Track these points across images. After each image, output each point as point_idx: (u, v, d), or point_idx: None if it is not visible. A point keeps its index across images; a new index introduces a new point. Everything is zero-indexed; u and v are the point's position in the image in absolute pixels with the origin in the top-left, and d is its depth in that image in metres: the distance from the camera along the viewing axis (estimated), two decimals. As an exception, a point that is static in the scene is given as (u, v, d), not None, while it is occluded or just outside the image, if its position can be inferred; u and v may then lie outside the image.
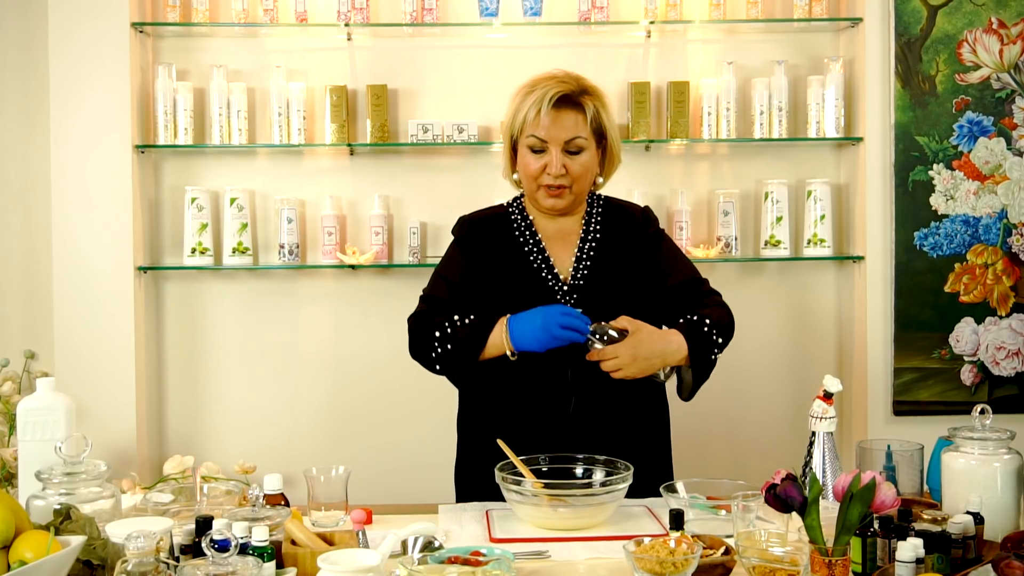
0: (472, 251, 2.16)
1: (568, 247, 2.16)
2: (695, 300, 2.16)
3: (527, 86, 2.11)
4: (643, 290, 2.14)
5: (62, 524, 1.53)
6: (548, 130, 2.06)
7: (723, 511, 1.84)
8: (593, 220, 2.19)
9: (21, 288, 3.31)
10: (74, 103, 3.14)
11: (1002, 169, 3.22)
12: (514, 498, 1.84)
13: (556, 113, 2.05)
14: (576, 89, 2.08)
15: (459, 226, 2.22)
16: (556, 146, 2.06)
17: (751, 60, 3.33)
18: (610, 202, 2.24)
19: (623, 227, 2.20)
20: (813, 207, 3.26)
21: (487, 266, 2.14)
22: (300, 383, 3.34)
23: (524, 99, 2.09)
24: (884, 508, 1.56)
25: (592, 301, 2.09)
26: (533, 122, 2.06)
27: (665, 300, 2.15)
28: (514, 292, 2.10)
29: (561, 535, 1.79)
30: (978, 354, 3.25)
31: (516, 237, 2.17)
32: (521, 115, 2.08)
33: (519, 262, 2.13)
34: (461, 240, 2.20)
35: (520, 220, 2.19)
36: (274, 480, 1.83)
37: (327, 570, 1.39)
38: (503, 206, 2.24)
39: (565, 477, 1.93)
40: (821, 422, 1.95)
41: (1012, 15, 3.20)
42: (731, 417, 3.39)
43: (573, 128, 2.07)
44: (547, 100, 2.04)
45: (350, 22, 3.18)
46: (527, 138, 2.08)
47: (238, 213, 3.22)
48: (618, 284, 2.12)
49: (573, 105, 2.07)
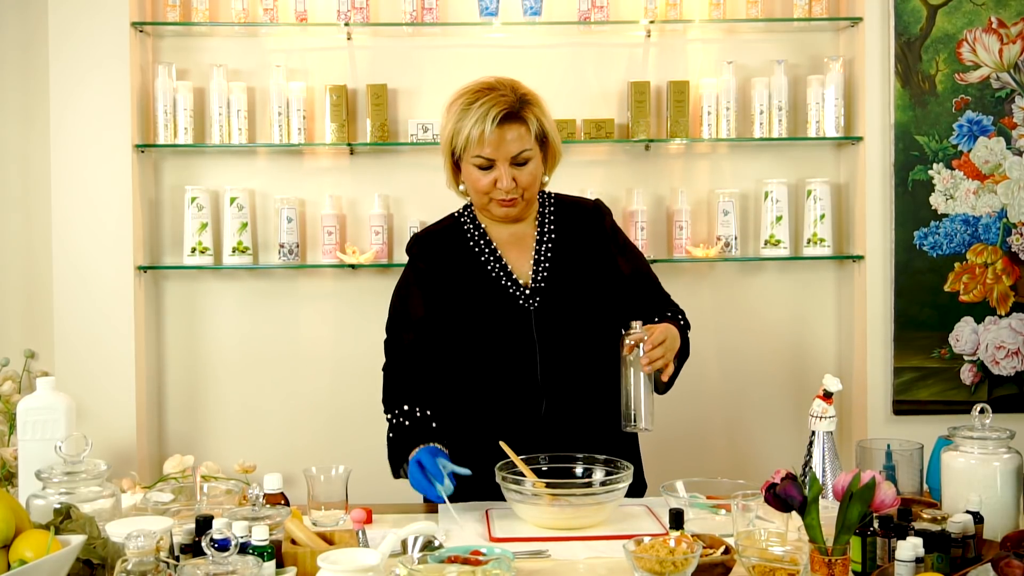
0: (428, 268, 2.14)
1: (525, 251, 2.14)
2: (655, 294, 2.20)
3: (463, 100, 2.04)
4: (603, 285, 2.13)
5: (62, 523, 1.53)
6: (494, 149, 2.01)
7: (723, 511, 1.84)
8: (546, 221, 2.17)
9: (21, 288, 3.31)
10: (74, 103, 3.14)
11: (1002, 168, 3.22)
12: (515, 498, 1.84)
13: (500, 130, 2.00)
14: (516, 102, 2.02)
15: (411, 244, 2.19)
16: (504, 162, 2.02)
17: (751, 60, 3.33)
18: (561, 200, 2.22)
19: (577, 224, 2.18)
20: (813, 207, 3.26)
21: (445, 281, 2.12)
22: (300, 383, 3.34)
23: (463, 116, 2.02)
24: (884, 507, 1.56)
25: (554, 302, 2.08)
26: (477, 142, 2.00)
27: (623, 291, 2.15)
28: (475, 303, 2.09)
29: (561, 534, 1.79)
30: (978, 353, 3.25)
31: (471, 247, 2.14)
32: (464, 134, 2.01)
33: (477, 272, 2.11)
34: (414, 259, 2.17)
35: (473, 229, 2.16)
36: (274, 479, 1.84)
37: (327, 569, 1.39)
38: (453, 216, 2.21)
39: (565, 476, 1.93)
40: (821, 421, 1.95)
41: (1012, 15, 3.20)
42: (731, 417, 3.39)
43: (519, 143, 2.03)
44: (490, 120, 1.99)
45: (350, 21, 3.18)
46: (472, 157, 2.03)
47: (238, 213, 3.22)
48: (579, 282, 2.11)
49: (516, 119, 2.02)
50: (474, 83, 2.08)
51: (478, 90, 2.05)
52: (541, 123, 2.06)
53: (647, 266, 2.25)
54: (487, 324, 2.08)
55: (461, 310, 2.09)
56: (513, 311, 2.08)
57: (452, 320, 2.09)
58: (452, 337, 2.10)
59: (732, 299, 3.38)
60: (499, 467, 1.89)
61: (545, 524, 1.82)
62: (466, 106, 2.03)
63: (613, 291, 2.13)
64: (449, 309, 2.10)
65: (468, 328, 2.08)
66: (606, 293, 2.12)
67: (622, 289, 2.15)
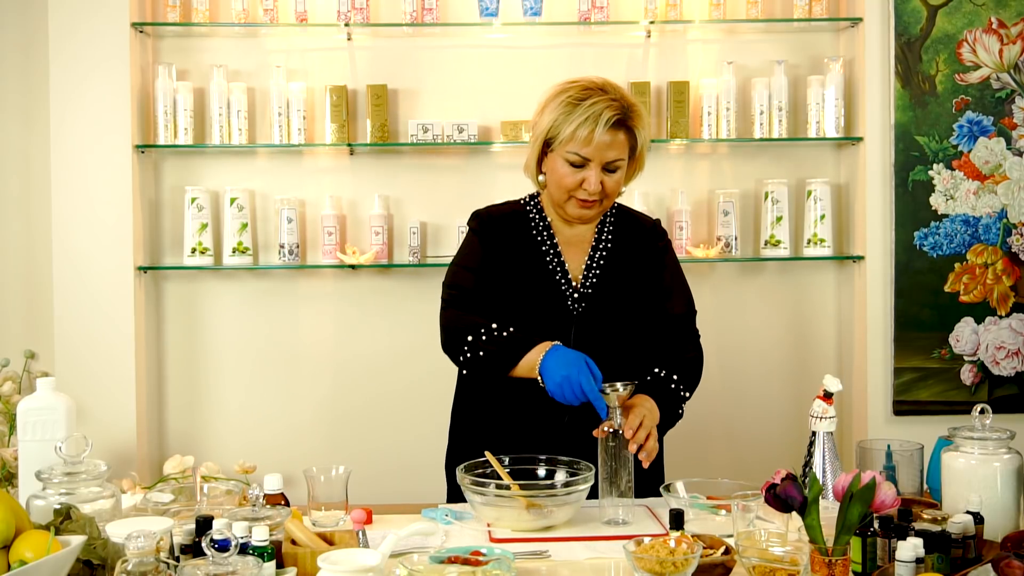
0: (488, 244, 2.15)
1: (580, 252, 2.16)
2: (679, 339, 2.17)
3: (571, 95, 2.03)
4: (645, 303, 2.15)
5: (62, 524, 1.53)
6: (594, 150, 2.02)
7: (723, 511, 1.84)
8: (606, 228, 2.19)
9: (21, 288, 3.31)
10: (74, 103, 3.14)
11: (1002, 169, 3.22)
12: (477, 500, 1.84)
13: (606, 135, 2.01)
14: (626, 112, 2.03)
15: (475, 219, 2.20)
16: (597, 165, 2.03)
17: (751, 60, 3.33)
18: (623, 210, 2.25)
19: (634, 238, 2.20)
20: (813, 207, 3.26)
21: (502, 260, 2.13)
22: (300, 383, 3.34)
23: (571, 111, 2.01)
24: (884, 508, 1.56)
25: (599, 307, 2.11)
26: (583, 140, 2.00)
27: (659, 324, 2.16)
28: (527, 289, 2.10)
29: (551, 535, 1.80)
30: (978, 354, 3.25)
31: (533, 236, 2.16)
32: (568, 129, 2.01)
33: (535, 261, 2.13)
34: (479, 232, 2.18)
35: (538, 220, 2.18)
36: (274, 480, 1.84)
37: (327, 570, 1.39)
38: (519, 203, 2.22)
39: (528, 478, 1.93)
40: (821, 422, 1.95)
41: (1012, 15, 3.20)
42: (731, 417, 3.39)
43: (618, 150, 2.04)
44: (602, 123, 1.99)
45: (350, 22, 3.18)
46: (568, 152, 2.03)
47: (238, 213, 3.22)
48: (624, 294, 2.13)
49: (623, 128, 2.03)
50: (582, 79, 2.07)
51: (589, 87, 2.05)
52: (643, 137, 2.08)
53: (688, 306, 2.21)
54: (530, 317, 2.08)
55: (509, 295, 2.10)
56: (558, 310, 2.09)
57: (498, 302, 2.09)
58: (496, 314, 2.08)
59: (732, 299, 3.39)
60: (461, 468, 1.90)
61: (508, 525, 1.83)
62: (576, 101, 2.02)
63: (648, 311, 2.15)
64: (500, 287, 2.10)
65: (510, 315, 2.06)
66: (643, 310, 2.14)
67: (656, 317, 2.15)
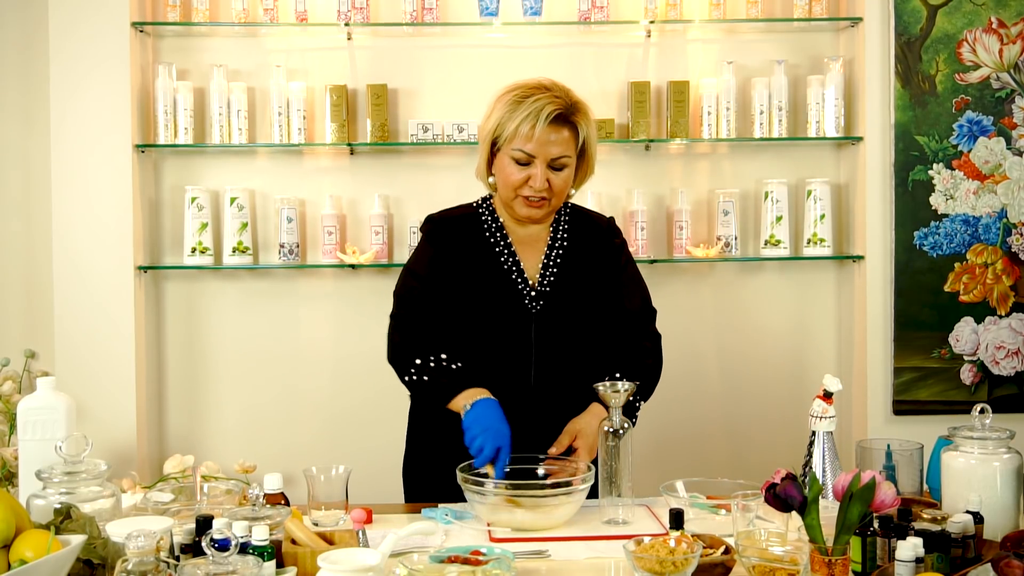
0: (441, 249, 2.15)
1: (536, 252, 2.16)
2: (636, 335, 2.18)
3: (516, 94, 2.05)
4: (602, 302, 2.16)
5: (62, 523, 1.53)
6: (538, 147, 2.03)
7: (723, 511, 1.84)
8: (561, 227, 2.19)
9: (21, 288, 3.31)
10: (74, 103, 3.14)
11: (1002, 169, 3.22)
12: (475, 499, 1.85)
13: (548, 130, 2.02)
14: (569, 107, 2.04)
15: (427, 223, 2.20)
16: (543, 162, 2.04)
17: (751, 60, 3.33)
18: (577, 210, 2.25)
19: (589, 236, 2.21)
20: (813, 207, 3.26)
21: (456, 264, 2.13)
22: (300, 383, 3.34)
23: (514, 109, 2.03)
24: (884, 507, 1.56)
25: (557, 305, 2.11)
26: (525, 136, 2.02)
27: (616, 320, 2.17)
28: (484, 290, 2.10)
29: (551, 535, 1.80)
30: (978, 353, 3.25)
31: (487, 238, 2.16)
32: (512, 126, 2.03)
33: (489, 262, 2.13)
34: (430, 236, 2.18)
35: (491, 222, 2.18)
36: (274, 479, 1.84)
37: (327, 569, 1.39)
38: (471, 206, 2.23)
39: (526, 477, 1.93)
40: (821, 421, 1.95)
41: (1012, 15, 3.20)
42: (731, 417, 3.39)
43: (562, 146, 2.05)
44: (543, 117, 2.01)
45: (350, 22, 3.18)
46: (513, 150, 2.04)
47: (238, 213, 3.22)
48: (581, 292, 2.14)
49: (566, 123, 2.05)
50: (528, 80, 2.09)
51: (534, 87, 2.06)
52: (587, 133, 2.08)
53: (645, 303, 2.23)
54: (489, 318, 2.09)
55: (466, 298, 2.10)
56: (516, 310, 2.10)
57: (455, 306, 2.10)
58: (452, 321, 2.10)
59: (732, 299, 3.38)
60: (460, 468, 1.91)
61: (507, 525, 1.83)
62: (519, 99, 2.04)
63: (606, 309, 2.16)
64: (456, 291, 2.11)
65: (469, 318, 2.09)
66: (600, 309, 2.15)
67: (614, 314, 2.17)
